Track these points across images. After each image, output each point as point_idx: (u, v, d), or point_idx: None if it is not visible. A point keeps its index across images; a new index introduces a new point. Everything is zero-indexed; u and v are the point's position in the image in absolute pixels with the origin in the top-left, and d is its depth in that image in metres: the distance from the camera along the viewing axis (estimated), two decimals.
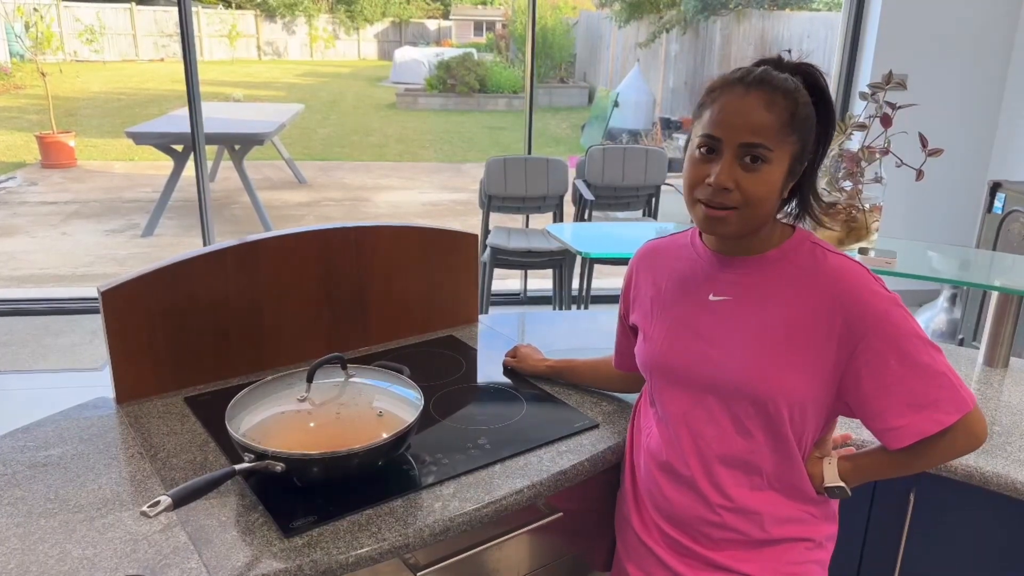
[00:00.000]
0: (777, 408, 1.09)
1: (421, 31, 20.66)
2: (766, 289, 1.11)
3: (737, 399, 1.11)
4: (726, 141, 1.03)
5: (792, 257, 1.11)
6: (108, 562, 1.03)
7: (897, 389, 1.04)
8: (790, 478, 1.14)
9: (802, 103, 1.03)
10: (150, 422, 1.42)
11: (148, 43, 17.18)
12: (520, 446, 1.35)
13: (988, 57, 4.31)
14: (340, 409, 1.29)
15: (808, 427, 1.12)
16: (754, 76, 1.03)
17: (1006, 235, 3.62)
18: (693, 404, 1.15)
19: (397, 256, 1.76)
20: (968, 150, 4.44)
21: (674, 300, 1.19)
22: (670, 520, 1.20)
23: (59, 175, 8.88)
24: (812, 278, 1.08)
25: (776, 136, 1.01)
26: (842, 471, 1.14)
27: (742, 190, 1.03)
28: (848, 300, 1.05)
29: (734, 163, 1.03)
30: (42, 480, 1.22)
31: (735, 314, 1.12)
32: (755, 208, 1.04)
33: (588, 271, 4.11)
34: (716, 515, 1.15)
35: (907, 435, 1.05)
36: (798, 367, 1.07)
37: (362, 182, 9.27)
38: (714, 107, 1.04)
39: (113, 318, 1.43)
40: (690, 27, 11.85)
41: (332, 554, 1.07)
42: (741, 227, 1.07)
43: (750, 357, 1.10)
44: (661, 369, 1.19)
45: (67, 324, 4.17)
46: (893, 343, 1.03)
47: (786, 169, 1.04)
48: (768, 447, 1.12)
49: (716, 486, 1.14)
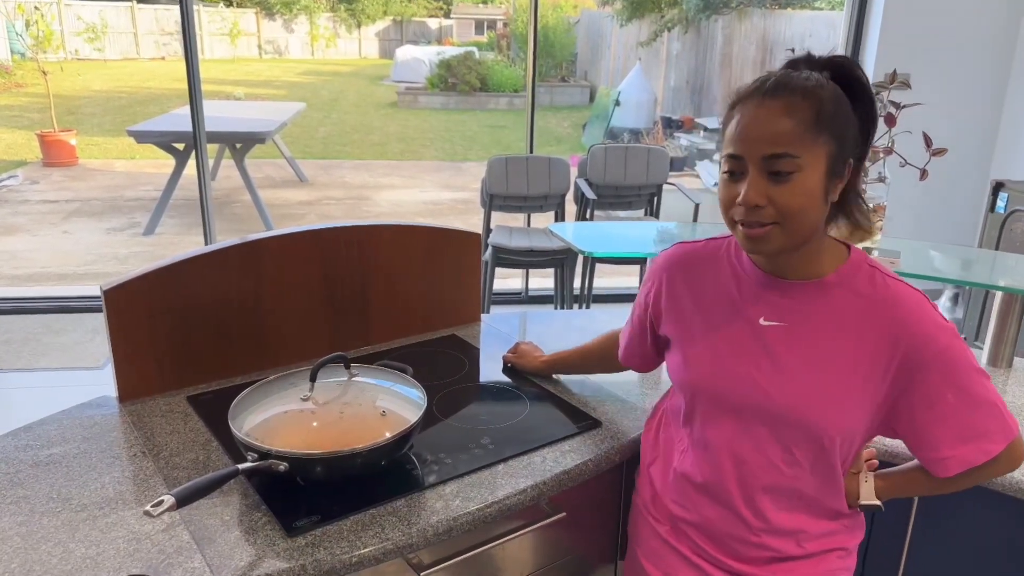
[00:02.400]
0: (831, 440, 1.06)
1: (422, 30, 20.66)
2: (823, 318, 1.05)
3: (789, 430, 1.07)
4: (748, 157, 0.98)
5: (850, 283, 1.05)
6: (111, 561, 1.03)
7: (951, 422, 1.02)
8: (831, 499, 1.12)
9: (827, 99, 0.97)
10: (153, 421, 1.41)
11: (149, 41, 17.20)
12: (523, 446, 1.35)
13: (991, 56, 4.30)
14: (343, 408, 1.29)
15: (852, 452, 1.11)
16: (769, 84, 0.98)
17: (1009, 235, 3.62)
18: (739, 432, 1.11)
19: (399, 255, 1.76)
20: (971, 149, 4.43)
21: (719, 319, 1.13)
22: (700, 531, 1.17)
23: (60, 173, 8.88)
24: (872, 308, 1.04)
25: (801, 141, 0.95)
26: (880, 487, 1.13)
27: (775, 205, 0.97)
28: (910, 332, 1.01)
29: (760, 178, 0.97)
30: (45, 479, 1.22)
31: (789, 342, 1.07)
32: (795, 221, 0.98)
33: (590, 270, 4.11)
34: (755, 536, 1.13)
35: (955, 465, 1.04)
36: (853, 399, 1.04)
37: (363, 181, 9.26)
38: (732, 123, 1.00)
39: (116, 317, 1.42)
40: (692, 26, 11.84)
41: (335, 554, 1.07)
42: (786, 242, 1.00)
43: (805, 389, 1.05)
44: (706, 393, 1.14)
45: (68, 322, 4.17)
46: (952, 378, 1.01)
47: (824, 172, 0.98)
48: (814, 475, 1.09)
49: (757, 512, 1.12)
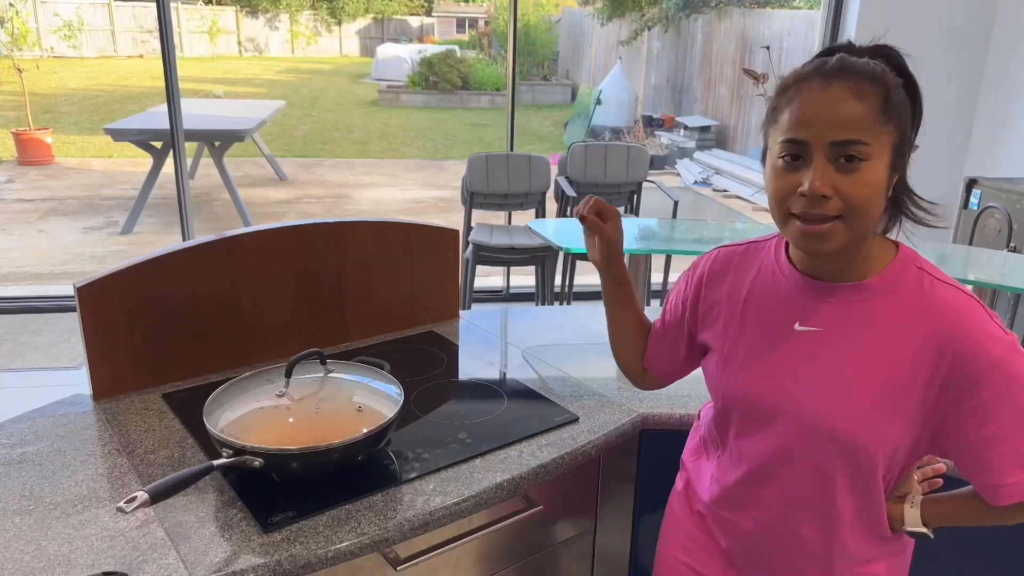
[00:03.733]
0: (869, 457, 0.96)
1: (403, 27, 20.61)
2: (864, 324, 0.97)
3: (822, 445, 0.98)
4: (814, 142, 0.88)
5: (896, 288, 0.96)
6: (84, 559, 1.02)
7: (1006, 443, 0.92)
8: (870, 520, 1.03)
9: (893, 86, 0.90)
10: (128, 419, 1.41)
11: (127, 39, 17.04)
12: (500, 440, 1.36)
13: (965, 55, 4.36)
14: (319, 404, 1.29)
15: (896, 470, 1.01)
16: (832, 65, 0.90)
17: (982, 231, 3.67)
18: (772, 443, 1.03)
19: (377, 252, 1.76)
20: (945, 147, 4.49)
21: (755, 324, 1.06)
22: (737, 540, 1.12)
23: (36, 172, 8.77)
24: (920, 314, 0.94)
25: (872, 128, 0.88)
26: (927, 516, 1.03)
27: (843, 195, 0.88)
28: (961, 342, 0.91)
29: (828, 166, 0.88)
30: (17, 477, 1.21)
31: (825, 349, 0.98)
32: (861, 215, 0.90)
33: (570, 267, 4.12)
34: (785, 553, 1.07)
35: (1011, 494, 0.93)
36: (895, 413, 0.95)
37: (344, 179, 9.22)
38: (792, 107, 0.90)
39: (89, 314, 1.41)
40: (672, 25, 11.91)
41: (311, 549, 1.07)
42: (847, 240, 0.92)
43: (841, 400, 0.96)
44: (739, 402, 1.07)
45: (45, 322, 4.12)
46: (1007, 394, 0.90)
47: (888, 164, 0.90)
48: (851, 493, 1.00)
49: (790, 530, 1.05)
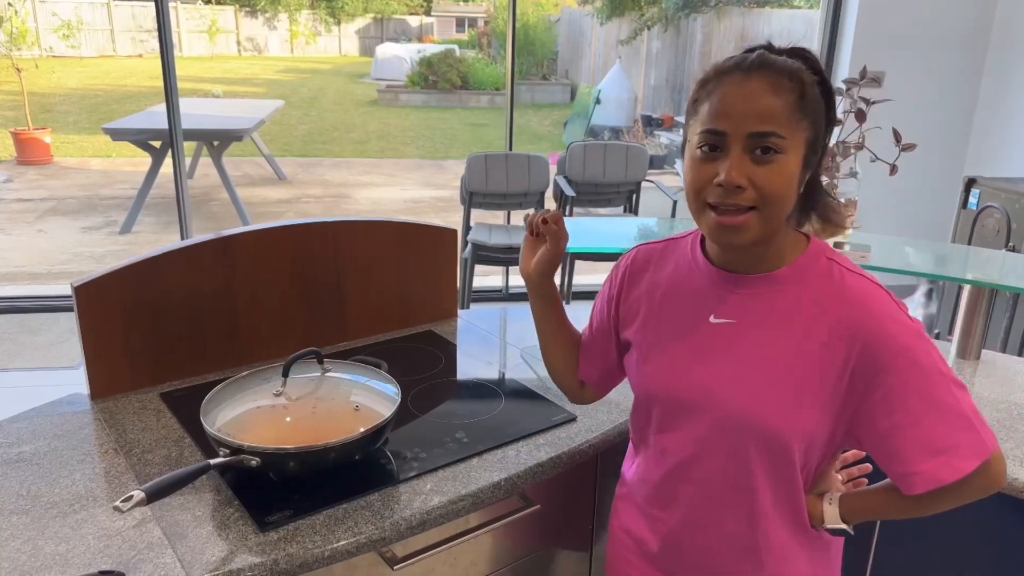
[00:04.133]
0: (785, 446, 0.98)
1: (403, 27, 20.59)
2: (775, 314, 0.99)
3: (738, 435, 1.00)
4: (732, 133, 0.90)
5: (805, 277, 0.99)
6: (81, 558, 1.02)
7: (914, 431, 0.93)
8: (793, 516, 1.04)
9: (809, 83, 0.92)
10: (125, 418, 1.40)
11: (126, 39, 17.01)
12: (498, 440, 1.36)
13: (964, 54, 4.36)
14: (316, 404, 1.29)
15: (813, 462, 1.03)
16: (752, 60, 0.92)
17: (981, 230, 3.67)
18: (692, 437, 1.04)
19: (375, 251, 1.76)
20: (944, 146, 4.49)
21: (672, 319, 1.07)
22: (661, 538, 1.12)
23: (35, 172, 8.76)
24: (829, 303, 0.96)
25: (787, 122, 0.90)
26: (845, 512, 1.03)
27: (757, 186, 0.90)
28: (869, 330, 0.93)
29: (744, 157, 0.90)
30: (15, 476, 1.21)
31: (738, 340, 1.00)
32: (774, 207, 0.92)
33: (569, 267, 4.12)
34: (706, 548, 1.07)
35: (923, 482, 0.94)
36: (808, 402, 0.96)
37: (343, 179, 9.22)
38: (712, 98, 0.92)
39: (87, 314, 1.41)
40: (671, 24, 11.89)
41: (308, 548, 1.07)
42: (760, 232, 0.94)
43: (754, 390, 0.98)
44: (659, 397, 1.08)
45: (43, 322, 4.12)
46: (913, 380, 0.92)
47: (802, 159, 0.93)
48: (770, 486, 1.01)
49: (711, 523, 1.06)
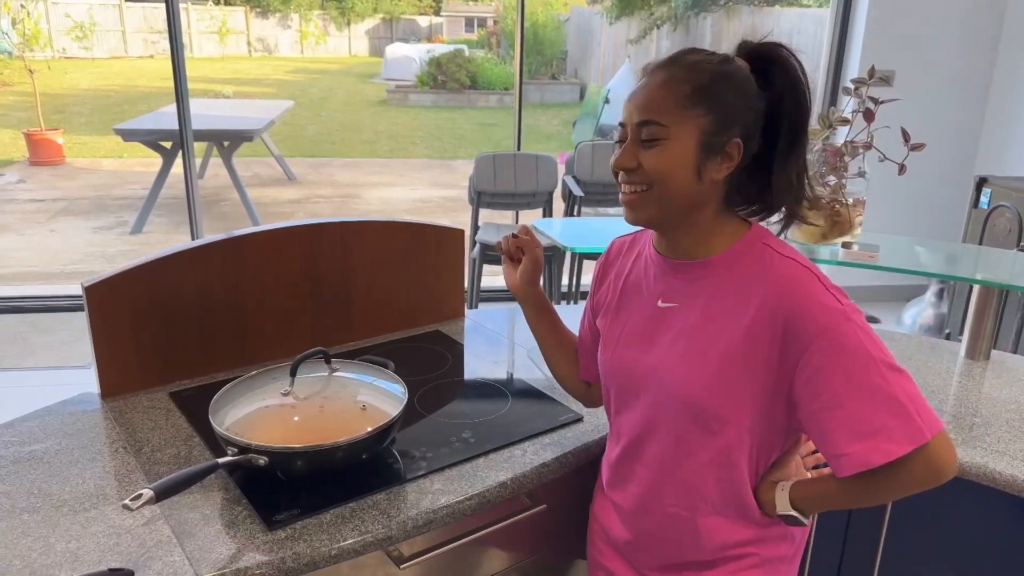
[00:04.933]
0: (721, 426, 1.03)
1: (412, 27, 20.61)
2: (709, 297, 1.04)
3: (677, 413, 1.05)
4: (628, 124, 1.02)
5: (738, 262, 1.04)
6: (91, 555, 1.03)
7: (840, 412, 0.95)
8: (736, 502, 1.07)
9: (710, 75, 0.99)
10: (135, 417, 1.42)
11: (137, 40, 17.09)
12: (504, 439, 1.36)
13: (975, 53, 4.34)
14: (324, 403, 1.29)
15: (762, 447, 1.05)
16: (666, 58, 1.02)
17: (992, 230, 3.65)
18: (642, 418, 1.10)
19: (383, 251, 1.76)
20: (955, 146, 4.47)
21: (629, 306, 1.15)
22: (624, 522, 1.18)
23: (47, 172, 8.83)
24: (756, 285, 1.00)
25: (671, 111, 0.98)
26: (795, 500, 1.05)
27: (645, 169, 1.00)
28: (790, 311, 0.96)
29: (633, 143, 1.01)
30: (26, 475, 1.22)
31: (680, 322, 1.06)
32: (663, 186, 1.00)
33: (577, 267, 4.12)
34: (659, 530, 1.12)
35: (850, 464, 0.95)
36: (742, 383, 1.00)
37: (352, 179, 9.25)
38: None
39: (97, 313, 1.42)
40: (681, 23, 11.86)
41: (315, 547, 1.08)
42: (656, 209, 1.02)
43: (690, 370, 1.03)
44: (614, 378, 1.15)
45: (55, 322, 4.16)
46: (836, 360, 0.94)
47: (695, 144, 0.98)
48: (711, 467, 1.05)
49: (661, 507, 1.11)
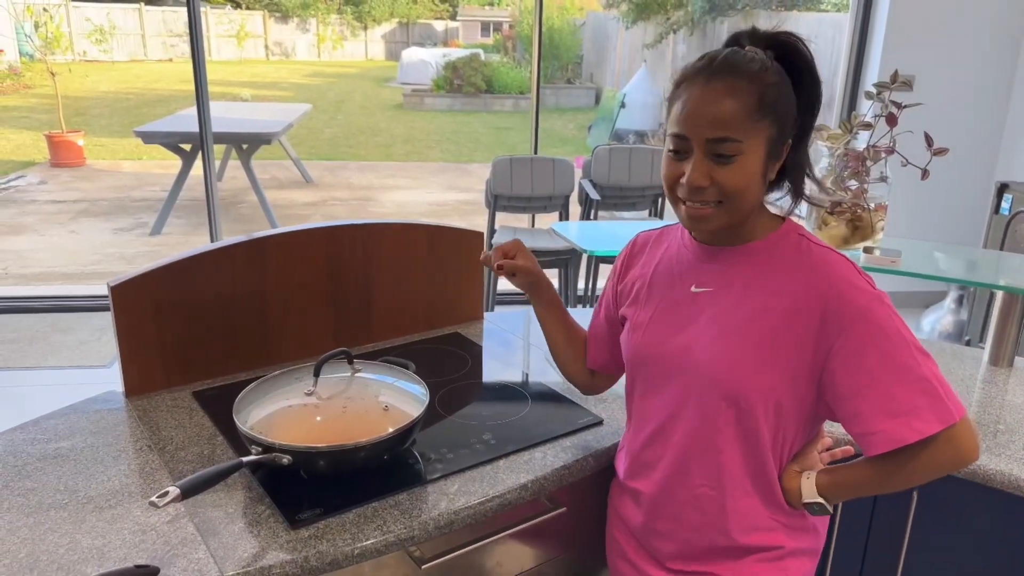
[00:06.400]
0: (750, 406, 1.04)
1: (428, 32, 20.69)
2: (747, 281, 1.06)
3: (707, 392, 1.06)
4: (693, 139, 0.99)
5: (776, 248, 1.06)
6: (117, 552, 1.05)
7: (874, 392, 0.98)
8: (762, 484, 1.09)
9: (771, 83, 0.99)
10: (158, 416, 1.43)
11: (157, 43, 17.27)
12: (524, 442, 1.36)
13: (996, 58, 4.30)
14: (346, 403, 1.30)
15: (787, 432, 1.07)
16: (716, 63, 0.99)
17: (1013, 236, 3.61)
18: (671, 400, 1.12)
19: (403, 253, 1.77)
20: (975, 151, 4.43)
21: (661, 293, 1.16)
22: (643, 510, 1.19)
23: (68, 174, 8.92)
24: (794, 270, 1.04)
25: (743, 125, 0.97)
26: (821, 486, 1.07)
27: (718, 185, 0.99)
28: (828, 294, 1.00)
29: (704, 160, 0.99)
30: (52, 472, 1.24)
31: (714, 305, 1.08)
32: (737, 200, 1.01)
33: (593, 270, 4.12)
34: (686, 517, 1.13)
35: (883, 441, 0.98)
36: (775, 363, 1.03)
37: (368, 182, 9.29)
38: (679, 103, 1.01)
39: (122, 313, 1.44)
40: (697, 28, 11.83)
41: (338, 546, 1.08)
42: (726, 221, 1.03)
43: (723, 350, 1.05)
44: (643, 362, 1.16)
45: (75, 321, 4.20)
46: (872, 341, 0.98)
47: (763, 155, 1.00)
48: (738, 445, 1.07)
49: (687, 488, 1.11)
